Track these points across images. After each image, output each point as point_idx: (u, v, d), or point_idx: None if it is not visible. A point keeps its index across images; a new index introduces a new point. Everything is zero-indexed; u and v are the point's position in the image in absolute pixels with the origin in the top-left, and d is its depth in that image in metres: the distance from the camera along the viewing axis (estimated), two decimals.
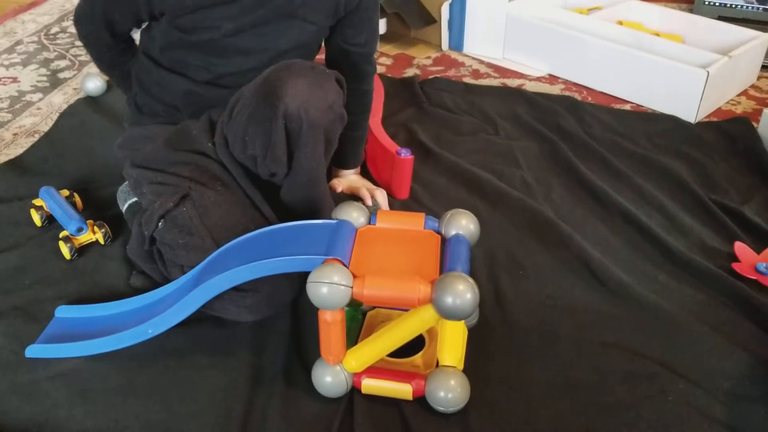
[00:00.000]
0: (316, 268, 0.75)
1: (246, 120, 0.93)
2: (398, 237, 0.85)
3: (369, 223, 0.87)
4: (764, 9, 1.88)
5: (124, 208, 1.14)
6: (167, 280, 0.97)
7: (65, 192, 1.18)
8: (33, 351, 0.89)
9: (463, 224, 0.86)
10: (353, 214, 0.86)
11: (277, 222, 0.99)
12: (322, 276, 0.74)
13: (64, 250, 1.06)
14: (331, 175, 1.21)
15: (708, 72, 1.37)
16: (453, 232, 0.85)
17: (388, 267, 0.79)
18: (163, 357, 0.89)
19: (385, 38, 1.81)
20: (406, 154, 1.17)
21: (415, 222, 0.87)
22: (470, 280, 0.75)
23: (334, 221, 0.85)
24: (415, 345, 0.85)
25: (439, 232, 0.86)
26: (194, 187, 0.96)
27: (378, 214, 0.88)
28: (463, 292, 0.73)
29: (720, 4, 1.92)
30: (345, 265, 0.77)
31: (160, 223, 0.95)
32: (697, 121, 1.43)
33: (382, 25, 1.77)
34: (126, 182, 1.16)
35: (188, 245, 0.93)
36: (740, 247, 1.05)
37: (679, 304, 0.97)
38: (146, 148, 1.03)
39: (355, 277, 0.76)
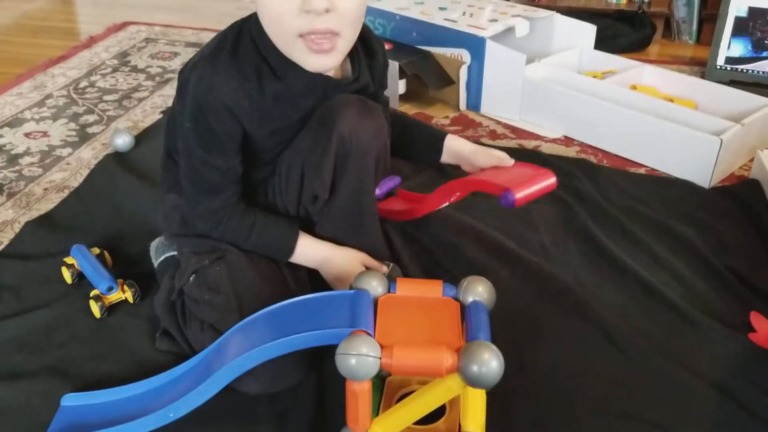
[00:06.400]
0: (343, 340, 0.77)
1: (303, 154, 0.98)
2: (419, 305, 0.87)
3: (389, 291, 0.90)
4: None
5: (157, 261, 1.18)
6: (183, 335, 1.00)
7: (96, 250, 1.21)
8: None
9: (480, 291, 0.89)
10: (372, 284, 0.89)
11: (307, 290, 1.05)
12: (351, 348, 0.76)
13: (95, 309, 1.09)
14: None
15: (721, 140, 1.40)
16: (471, 299, 0.88)
17: (413, 336, 0.81)
18: (187, 425, 0.89)
19: (405, 97, 1.86)
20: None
21: (433, 289, 0.90)
22: (494, 348, 0.77)
23: (352, 291, 0.88)
24: (436, 410, 0.86)
25: (456, 299, 0.89)
26: (231, 250, 1.02)
27: (397, 282, 0.90)
28: (488, 360, 0.76)
29: (732, 68, 1.97)
30: (371, 336, 0.79)
31: (191, 277, 1.00)
32: (711, 186, 1.46)
33: (402, 86, 1.82)
34: (159, 237, 1.21)
35: (213, 302, 0.97)
36: (756, 317, 1.06)
37: (699, 376, 0.99)
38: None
39: (382, 347, 0.78)
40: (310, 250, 1.05)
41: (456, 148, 1.15)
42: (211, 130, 0.95)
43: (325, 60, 0.92)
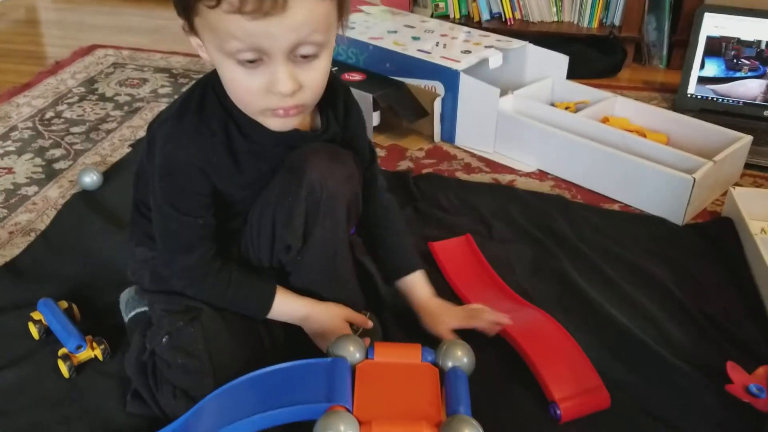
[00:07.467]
0: (321, 418, 0.76)
1: (273, 203, 0.97)
2: (397, 372, 0.86)
3: (367, 357, 0.88)
4: (744, 103, 1.95)
5: (127, 317, 1.15)
6: (154, 398, 0.97)
7: (63, 303, 1.18)
8: None
9: (459, 356, 0.88)
10: (350, 349, 0.87)
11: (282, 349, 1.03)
12: (328, 427, 0.75)
13: (63, 369, 1.06)
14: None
15: (694, 179, 1.41)
16: (450, 365, 0.87)
17: (392, 410, 0.80)
18: None
19: (379, 129, 1.85)
20: None
21: (412, 354, 0.88)
22: (474, 423, 0.76)
23: (329, 360, 0.86)
24: None
25: (436, 364, 0.88)
26: (205, 310, 1.00)
27: (375, 346, 0.89)
28: None
29: (702, 97, 1.99)
30: (349, 411, 0.78)
31: (164, 339, 0.97)
32: (684, 223, 1.47)
33: (376, 118, 1.81)
34: (129, 288, 1.18)
35: (186, 366, 0.95)
36: (732, 367, 1.06)
37: (673, 427, 0.99)
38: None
39: (361, 423, 0.76)
40: (287, 307, 1.03)
41: (414, 296, 1.12)
42: (182, 188, 0.94)
43: (289, 122, 0.91)
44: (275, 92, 0.84)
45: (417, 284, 1.12)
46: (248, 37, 0.79)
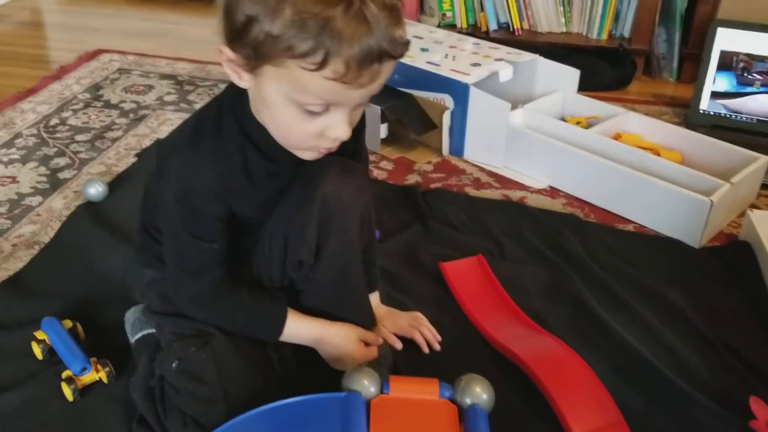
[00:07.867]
0: None
1: (286, 218, 0.95)
2: (414, 409, 0.83)
3: (382, 392, 0.86)
4: (758, 120, 1.93)
5: (133, 338, 1.12)
6: (162, 426, 0.95)
7: (68, 323, 1.15)
8: None
9: (478, 392, 0.85)
10: (364, 383, 0.85)
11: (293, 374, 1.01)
12: None
13: (67, 392, 1.03)
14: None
15: (712, 201, 1.38)
16: (468, 402, 0.85)
17: None
18: None
19: (386, 141, 1.82)
20: None
21: (429, 390, 0.86)
22: None
23: (343, 395, 0.83)
24: None
25: (453, 400, 0.85)
26: (216, 335, 0.97)
27: (391, 381, 0.86)
28: None
29: (715, 113, 1.97)
30: None
31: (174, 364, 0.95)
32: (700, 245, 1.44)
33: (383, 130, 1.78)
34: (135, 308, 1.15)
35: (196, 393, 0.93)
36: (755, 402, 1.03)
37: None
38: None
39: None
40: (299, 329, 1.01)
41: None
42: (198, 213, 0.91)
43: (322, 155, 0.90)
44: (332, 137, 0.84)
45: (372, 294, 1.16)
46: (331, 97, 0.79)
